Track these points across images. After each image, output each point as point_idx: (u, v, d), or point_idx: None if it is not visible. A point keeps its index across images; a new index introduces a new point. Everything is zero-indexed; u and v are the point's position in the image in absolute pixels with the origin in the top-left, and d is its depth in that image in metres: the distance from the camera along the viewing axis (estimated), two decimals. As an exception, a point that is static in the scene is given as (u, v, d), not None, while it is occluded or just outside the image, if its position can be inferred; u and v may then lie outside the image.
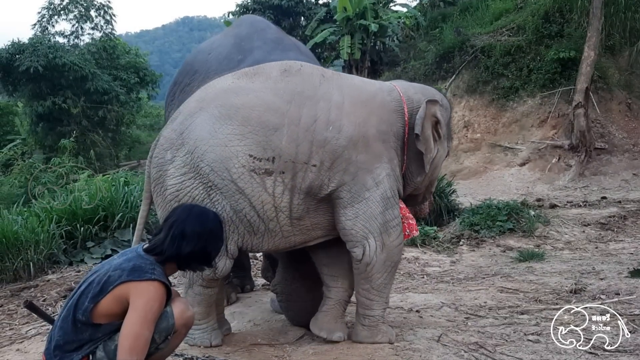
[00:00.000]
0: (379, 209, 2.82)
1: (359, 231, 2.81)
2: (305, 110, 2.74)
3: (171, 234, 2.19)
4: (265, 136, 2.67)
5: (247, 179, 2.67)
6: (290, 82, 2.81)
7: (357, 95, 2.92)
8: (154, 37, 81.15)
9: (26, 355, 3.10)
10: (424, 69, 14.28)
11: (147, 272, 2.09)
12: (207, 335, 3.02)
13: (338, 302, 3.07)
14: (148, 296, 2.06)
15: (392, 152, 2.92)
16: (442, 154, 3.17)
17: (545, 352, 2.84)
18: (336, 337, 2.99)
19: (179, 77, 3.98)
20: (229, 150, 2.66)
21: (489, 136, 12.39)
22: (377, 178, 2.83)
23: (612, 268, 4.77)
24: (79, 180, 6.64)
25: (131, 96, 18.74)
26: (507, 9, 14.43)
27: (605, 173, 10.60)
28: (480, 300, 3.91)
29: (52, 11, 18.20)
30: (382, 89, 3.04)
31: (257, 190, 2.69)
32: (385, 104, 2.96)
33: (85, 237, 5.28)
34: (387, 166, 2.87)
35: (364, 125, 2.83)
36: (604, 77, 11.88)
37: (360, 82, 3.10)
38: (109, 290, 2.07)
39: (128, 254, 2.21)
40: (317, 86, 2.85)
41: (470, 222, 6.37)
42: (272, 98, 2.74)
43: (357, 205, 2.79)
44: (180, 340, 2.36)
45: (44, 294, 4.31)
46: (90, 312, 2.08)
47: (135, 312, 2.04)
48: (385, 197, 2.85)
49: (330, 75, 2.98)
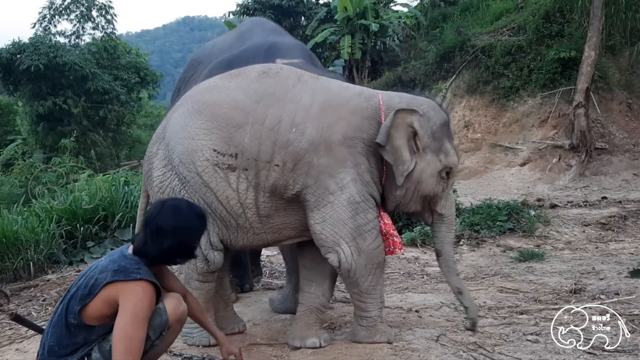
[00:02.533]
0: (347, 213, 2.78)
1: (328, 236, 2.81)
2: (271, 110, 2.80)
3: (148, 231, 2.17)
4: (229, 132, 2.77)
5: (211, 172, 2.77)
6: (264, 83, 2.89)
7: (328, 99, 2.88)
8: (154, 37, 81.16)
9: (25, 355, 3.10)
10: (424, 68, 14.28)
11: (132, 272, 2.08)
12: (205, 334, 3.03)
13: (309, 309, 3.03)
14: (137, 296, 2.04)
15: (359, 157, 2.83)
16: (427, 168, 2.92)
17: (544, 352, 2.84)
18: (310, 344, 2.94)
19: (184, 72, 4.09)
20: (195, 144, 2.78)
21: (490, 136, 12.38)
22: (341, 182, 2.78)
23: (612, 268, 4.77)
24: (79, 180, 6.65)
25: (132, 96, 18.76)
26: (507, 8, 14.41)
27: (605, 173, 10.59)
28: (479, 300, 3.91)
29: (54, 11, 18.23)
30: (359, 95, 2.96)
31: (221, 185, 2.78)
32: (358, 110, 2.88)
33: (85, 236, 5.28)
34: (352, 171, 2.81)
35: (329, 130, 2.79)
36: (605, 77, 11.87)
37: (336, 87, 3.01)
38: (96, 293, 2.06)
39: (114, 254, 2.20)
40: (289, 88, 2.87)
41: (470, 222, 6.38)
42: (241, 97, 2.84)
43: (322, 209, 2.79)
44: (174, 336, 2.36)
45: (43, 294, 4.32)
46: (79, 314, 2.07)
47: (126, 313, 2.02)
48: (353, 201, 2.80)
49: (308, 78, 2.96)
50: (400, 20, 17.42)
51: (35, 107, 15.57)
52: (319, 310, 3.04)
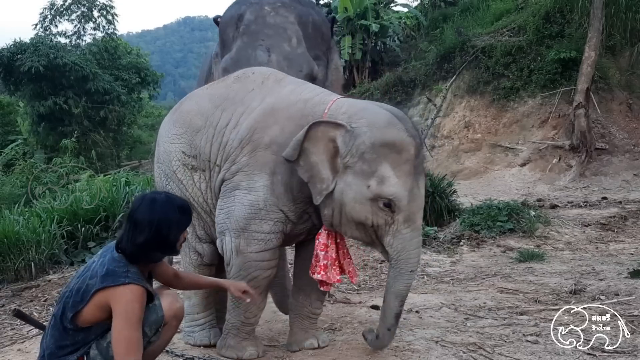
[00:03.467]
0: (244, 213, 2.69)
1: (220, 222, 2.79)
2: (224, 114, 2.87)
3: (126, 226, 2.19)
4: (192, 136, 2.92)
5: (182, 171, 2.95)
6: (230, 88, 2.96)
7: (272, 102, 2.78)
8: (155, 37, 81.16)
9: (27, 355, 3.12)
10: (424, 69, 14.28)
11: (120, 276, 2.10)
12: (206, 333, 3.06)
13: (300, 316, 3.00)
14: (125, 300, 2.07)
15: (280, 167, 2.68)
16: (349, 191, 2.55)
17: (544, 353, 2.85)
18: (307, 345, 2.94)
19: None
20: (171, 147, 2.99)
21: (490, 136, 12.39)
22: (252, 185, 2.70)
23: (612, 269, 4.78)
24: (80, 180, 6.66)
25: (132, 96, 18.81)
26: (507, 9, 14.42)
27: (605, 173, 10.59)
28: (480, 300, 3.92)
29: (55, 11, 18.25)
30: (306, 102, 2.74)
31: (189, 183, 2.94)
32: (297, 117, 2.69)
33: (86, 237, 5.29)
34: (267, 178, 2.69)
35: (260, 132, 2.71)
36: (605, 78, 11.87)
37: (287, 92, 2.83)
38: (88, 299, 2.09)
39: (105, 254, 2.21)
40: (248, 92, 2.88)
41: (470, 223, 6.38)
42: (206, 103, 2.96)
43: (225, 199, 2.77)
44: (172, 332, 2.38)
45: (45, 294, 4.33)
46: (73, 320, 2.11)
47: (119, 318, 2.07)
48: (256, 206, 2.68)
49: (271, 82, 2.90)
50: (400, 21, 17.41)
51: (36, 107, 15.60)
52: (309, 317, 2.99)
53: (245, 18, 3.50)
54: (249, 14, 3.50)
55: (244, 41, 3.46)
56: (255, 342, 2.91)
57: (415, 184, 2.57)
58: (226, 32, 3.62)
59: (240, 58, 3.42)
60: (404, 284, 2.64)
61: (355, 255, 5.12)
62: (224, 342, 2.89)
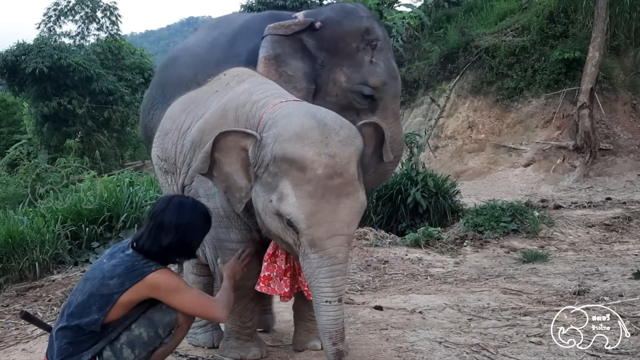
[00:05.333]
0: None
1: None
2: (188, 117, 2.89)
3: (151, 226, 2.20)
4: (163, 140, 3.00)
5: (160, 173, 3.07)
6: (201, 91, 2.99)
7: (224, 103, 2.65)
8: (158, 37, 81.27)
9: (32, 355, 3.13)
10: (428, 69, 14.27)
11: (143, 267, 2.15)
12: (209, 334, 3.06)
13: (302, 319, 2.97)
14: (162, 281, 2.15)
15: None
16: (258, 201, 2.38)
17: (547, 354, 2.84)
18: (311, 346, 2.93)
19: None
20: (154, 150, 3.09)
21: (493, 137, 12.36)
22: (209, 191, 2.64)
23: (616, 270, 4.76)
24: (84, 180, 6.68)
25: (136, 97, 18.78)
26: (511, 9, 14.37)
27: (610, 174, 10.55)
28: (483, 301, 3.91)
29: (59, 12, 18.30)
30: (254, 104, 2.56)
31: (165, 186, 3.03)
32: (244, 120, 2.53)
33: (90, 237, 5.30)
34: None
35: (209, 134, 2.51)
36: (609, 78, 11.83)
37: (240, 92, 2.68)
38: (115, 300, 2.11)
39: (115, 255, 2.22)
40: (212, 94, 2.87)
41: (474, 223, 6.37)
42: (177, 107, 3.03)
43: None
44: (183, 334, 2.39)
45: (49, 294, 4.35)
46: (101, 322, 2.12)
47: (171, 296, 2.17)
48: (217, 214, 2.58)
49: (235, 82, 2.84)
50: (404, 21, 17.35)
51: (40, 107, 15.64)
52: (311, 320, 2.90)
53: (374, 32, 3.50)
54: (378, 29, 3.54)
55: (388, 56, 3.56)
56: (259, 342, 2.91)
57: (322, 207, 2.23)
58: (346, 40, 3.49)
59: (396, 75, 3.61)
60: (324, 318, 2.30)
61: (357, 255, 5.12)
62: (226, 343, 2.89)
